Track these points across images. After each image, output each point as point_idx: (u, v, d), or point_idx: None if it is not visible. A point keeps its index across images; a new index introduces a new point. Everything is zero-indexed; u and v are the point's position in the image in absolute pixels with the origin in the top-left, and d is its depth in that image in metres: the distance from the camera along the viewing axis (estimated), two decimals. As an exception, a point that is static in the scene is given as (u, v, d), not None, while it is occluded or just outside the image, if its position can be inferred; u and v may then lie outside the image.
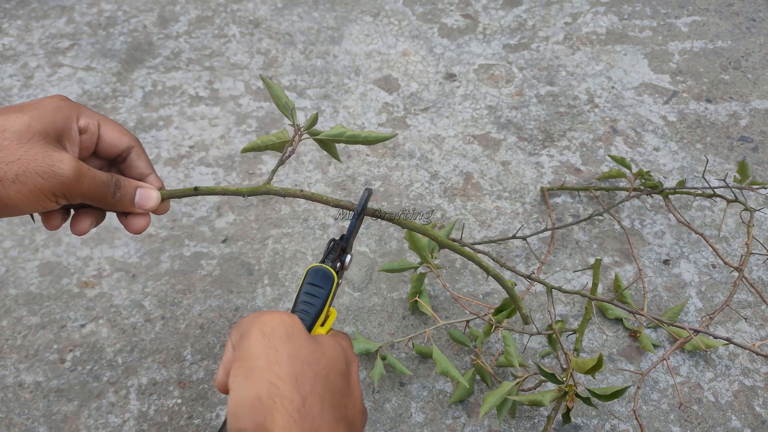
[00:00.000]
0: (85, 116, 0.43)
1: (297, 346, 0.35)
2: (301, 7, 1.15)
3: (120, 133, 0.46)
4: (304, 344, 0.35)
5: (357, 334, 0.66)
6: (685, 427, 0.63)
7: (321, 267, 0.44)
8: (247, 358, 0.34)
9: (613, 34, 1.09)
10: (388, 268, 0.66)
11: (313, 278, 0.44)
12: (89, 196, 0.42)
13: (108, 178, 0.43)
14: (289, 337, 0.35)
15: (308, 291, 0.43)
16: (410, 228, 0.49)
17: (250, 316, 0.37)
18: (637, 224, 0.81)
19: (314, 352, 0.36)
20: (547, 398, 0.55)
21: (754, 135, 0.92)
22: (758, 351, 0.55)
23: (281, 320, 0.36)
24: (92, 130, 0.44)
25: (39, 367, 0.67)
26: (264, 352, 0.34)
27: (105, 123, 0.45)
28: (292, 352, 0.34)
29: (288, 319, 0.36)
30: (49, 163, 0.38)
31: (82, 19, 1.12)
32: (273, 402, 0.32)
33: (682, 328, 0.57)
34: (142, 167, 0.47)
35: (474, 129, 0.93)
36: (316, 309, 0.42)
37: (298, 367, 0.34)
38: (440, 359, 0.60)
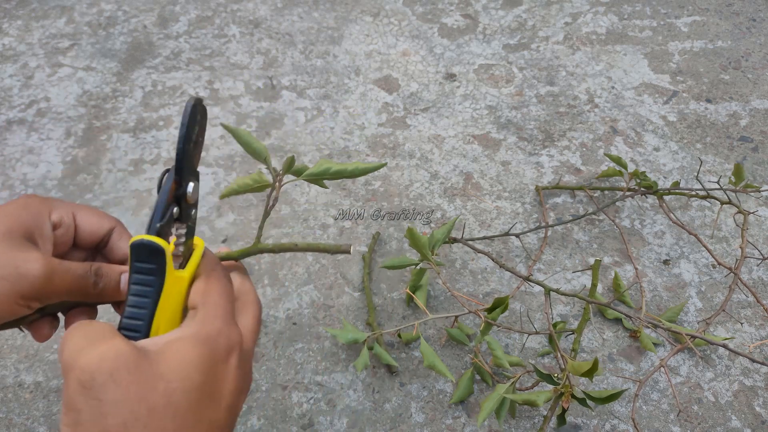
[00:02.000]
0: (57, 210, 0.40)
1: (124, 386, 0.30)
2: (301, 7, 1.15)
3: (98, 217, 0.42)
4: (132, 379, 0.31)
5: (345, 322, 0.66)
6: (685, 427, 0.63)
7: (142, 241, 0.34)
8: (71, 409, 0.30)
9: (613, 34, 1.09)
10: (389, 265, 0.66)
11: (138, 257, 0.34)
12: (67, 293, 0.38)
13: (86, 268, 0.39)
14: (113, 378, 0.30)
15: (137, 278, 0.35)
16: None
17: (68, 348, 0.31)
18: (637, 224, 0.81)
19: (147, 381, 0.31)
20: (541, 398, 0.55)
21: (754, 135, 0.92)
22: (753, 358, 0.55)
23: (101, 360, 0.30)
24: (67, 223, 0.41)
25: (39, 367, 0.67)
26: (86, 405, 0.30)
27: (80, 211, 0.42)
28: (118, 396, 0.30)
29: (110, 356, 0.31)
30: (14, 264, 0.35)
31: (82, 19, 1.12)
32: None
33: (678, 333, 0.57)
34: (125, 247, 0.43)
35: (474, 129, 0.93)
36: (150, 301, 0.35)
37: (126, 412, 0.30)
38: (427, 353, 0.60)
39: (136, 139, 0.91)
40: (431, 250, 0.64)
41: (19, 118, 0.94)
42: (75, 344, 0.31)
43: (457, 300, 0.73)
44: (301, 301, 0.73)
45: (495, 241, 0.79)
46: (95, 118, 0.95)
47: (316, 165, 0.44)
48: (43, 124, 0.94)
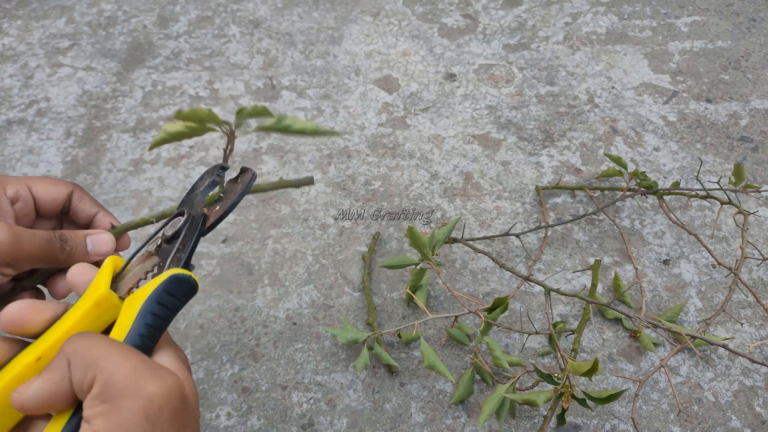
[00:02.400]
0: (11, 185, 0.41)
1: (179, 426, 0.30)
2: (301, 7, 1.15)
3: (54, 185, 0.43)
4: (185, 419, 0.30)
5: (345, 322, 0.66)
6: (685, 427, 0.63)
7: (188, 278, 0.34)
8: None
9: (613, 34, 1.09)
10: (389, 264, 0.66)
11: (173, 288, 0.34)
12: (37, 258, 0.38)
13: (50, 234, 0.39)
14: (175, 417, 0.29)
15: (164, 303, 0.33)
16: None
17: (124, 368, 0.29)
18: (637, 224, 0.81)
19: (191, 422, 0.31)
20: (541, 398, 0.55)
21: (754, 135, 0.92)
22: (753, 358, 0.55)
23: (168, 395, 0.29)
24: (24, 196, 0.41)
25: (39, 367, 0.67)
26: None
27: (35, 183, 0.42)
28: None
29: (175, 392, 0.30)
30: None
31: (82, 19, 1.12)
32: None
33: (678, 333, 0.57)
34: (87, 208, 0.44)
35: (474, 129, 0.93)
36: (163, 329, 0.34)
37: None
38: (427, 353, 0.61)
39: (136, 139, 0.91)
40: (431, 250, 0.64)
41: (19, 118, 0.94)
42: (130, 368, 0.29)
43: (457, 300, 0.73)
44: (301, 301, 0.73)
45: (495, 241, 0.79)
46: (95, 118, 0.95)
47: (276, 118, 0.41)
48: (43, 124, 0.94)
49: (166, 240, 0.38)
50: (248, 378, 0.66)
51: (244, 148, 0.90)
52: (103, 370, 0.28)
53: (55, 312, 0.35)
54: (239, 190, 0.38)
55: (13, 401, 0.30)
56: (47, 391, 0.29)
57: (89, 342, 0.30)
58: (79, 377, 0.29)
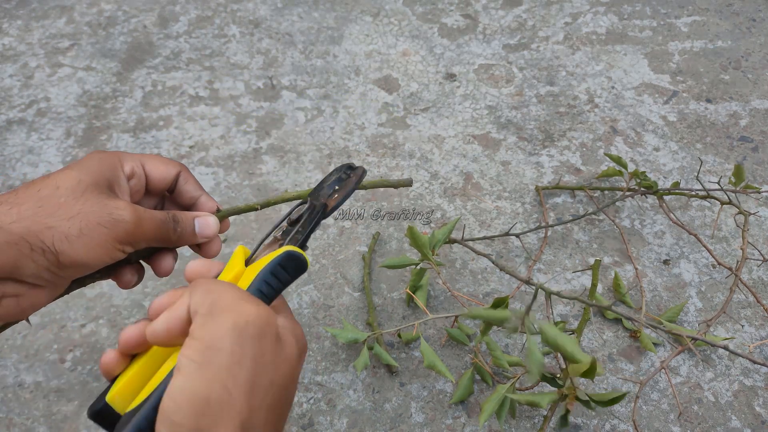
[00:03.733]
0: (128, 161, 0.43)
1: (264, 349, 0.33)
2: (301, 7, 1.15)
3: (164, 164, 0.45)
4: (271, 347, 0.33)
5: (345, 322, 0.66)
6: (685, 427, 0.63)
7: (301, 257, 0.39)
8: (210, 345, 0.31)
9: (613, 34, 1.09)
10: (389, 264, 0.66)
11: (288, 262, 0.38)
12: (153, 238, 0.41)
13: (165, 215, 0.42)
14: (260, 336, 0.33)
15: (276, 274, 0.38)
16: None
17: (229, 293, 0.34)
18: (637, 224, 0.81)
19: (278, 356, 0.34)
20: (545, 400, 0.55)
21: (754, 135, 0.92)
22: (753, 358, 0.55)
23: (258, 316, 0.33)
24: (138, 173, 0.43)
25: (39, 367, 0.67)
26: (230, 347, 0.31)
27: (148, 160, 0.44)
28: (257, 355, 0.32)
29: (265, 317, 0.33)
30: (108, 212, 0.38)
31: (82, 19, 1.12)
32: (221, 409, 0.30)
33: (678, 335, 0.57)
34: (191, 190, 0.46)
35: (474, 129, 0.93)
36: (274, 296, 0.38)
37: (257, 374, 0.32)
38: (427, 352, 0.61)
39: (136, 139, 0.91)
40: (431, 250, 0.64)
41: (19, 118, 0.95)
42: (235, 294, 0.34)
43: (457, 300, 0.73)
44: (301, 301, 0.73)
45: (495, 241, 0.79)
46: (95, 118, 0.95)
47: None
48: (43, 124, 0.94)
49: (290, 223, 0.43)
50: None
51: (244, 148, 0.90)
52: (214, 294, 0.34)
53: (219, 269, 0.41)
54: (353, 182, 0.45)
55: (147, 334, 0.34)
56: (171, 318, 0.34)
57: (208, 280, 0.35)
58: (196, 301, 0.33)
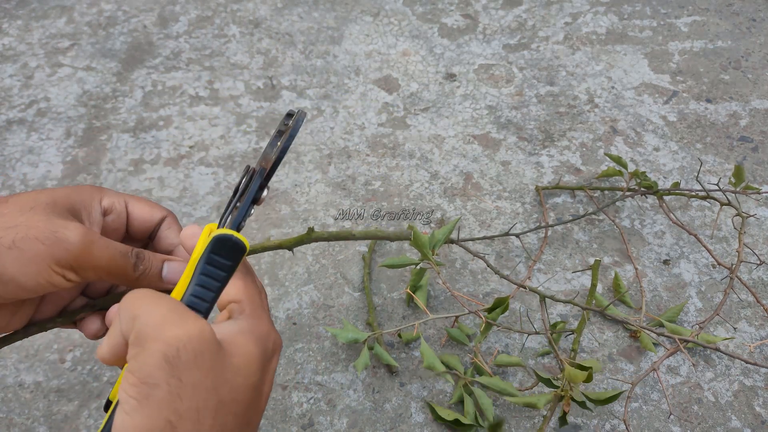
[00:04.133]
0: (110, 196, 0.40)
1: (205, 371, 0.30)
2: (301, 7, 1.15)
3: (149, 207, 0.42)
4: (212, 366, 0.30)
5: (345, 321, 0.66)
6: (685, 427, 0.63)
7: (231, 237, 0.35)
8: (144, 380, 0.29)
9: (613, 34, 1.09)
10: (389, 264, 0.66)
11: (219, 248, 0.35)
12: (105, 269, 0.37)
13: (127, 248, 0.38)
14: (196, 360, 0.30)
15: (211, 263, 0.35)
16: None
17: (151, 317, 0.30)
18: (637, 224, 0.81)
19: (223, 371, 0.31)
20: (542, 401, 0.55)
21: (754, 135, 0.92)
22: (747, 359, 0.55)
23: (189, 339, 0.30)
24: (119, 210, 0.41)
25: (39, 367, 0.67)
26: (165, 381, 0.29)
27: (132, 200, 0.42)
28: (198, 380, 0.30)
29: (197, 336, 0.30)
30: (53, 229, 0.35)
31: (82, 19, 1.12)
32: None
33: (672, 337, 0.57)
34: (172, 237, 0.43)
35: (474, 129, 0.93)
36: (218, 288, 0.35)
37: (201, 399, 0.30)
38: (427, 353, 0.61)
39: (136, 139, 0.91)
40: (431, 249, 0.64)
41: (19, 118, 0.95)
42: (159, 314, 0.30)
43: (457, 300, 0.73)
44: (301, 301, 0.73)
45: (495, 241, 0.79)
46: (95, 118, 0.95)
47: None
48: (43, 124, 0.94)
49: (239, 197, 0.39)
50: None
51: (244, 148, 0.90)
52: (138, 319, 0.30)
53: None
54: (289, 133, 0.38)
55: (97, 357, 0.33)
56: (111, 344, 0.32)
57: (134, 295, 0.32)
58: (125, 328, 0.31)
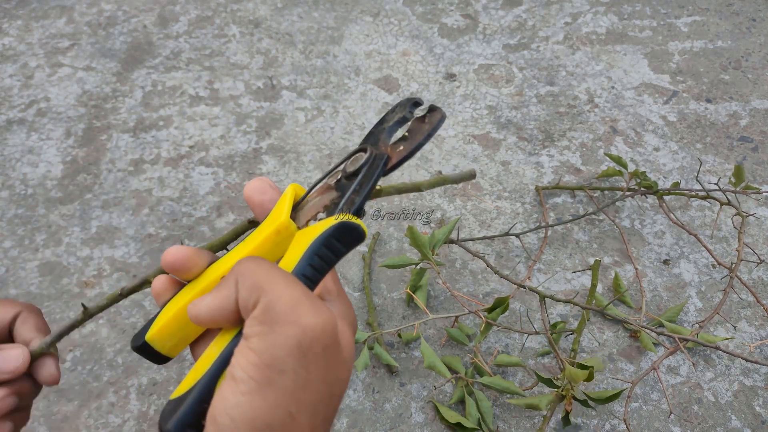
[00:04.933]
0: None
1: (327, 365, 0.30)
2: (301, 7, 1.15)
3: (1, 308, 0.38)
4: (334, 361, 0.30)
5: None
6: (685, 427, 0.63)
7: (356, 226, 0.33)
8: (271, 364, 0.28)
9: (613, 34, 1.09)
10: (390, 264, 0.66)
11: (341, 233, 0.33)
12: None
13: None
14: (325, 354, 0.30)
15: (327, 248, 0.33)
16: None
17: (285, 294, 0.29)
18: (637, 224, 0.81)
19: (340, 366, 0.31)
20: (543, 402, 0.55)
21: (754, 135, 0.92)
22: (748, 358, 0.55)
23: (323, 330, 0.29)
24: None
25: (39, 367, 0.67)
26: (293, 370, 0.28)
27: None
28: (321, 374, 0.30)
29: (330, 329, 0.30)
30: None
31: (82, 19, 1.12)
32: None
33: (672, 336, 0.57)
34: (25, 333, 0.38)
35: (474, 129, 0.93)
36: (323, 276, 0.34)
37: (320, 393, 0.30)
38: (427, 353, 0.61)
39: (136, 139, 0.91)
40: (431, 249, 0.64)
41: (19, 118, 0.94)
42: (293, 297, 0.29)
43: (457, 300, 0.73)
44: (301, 301, 0.73)
45: (495, 240, 0.79)
46: (95, 118, 0.95)
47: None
48: (43, 124, 0.94)
49: (346, 176, 0.36)
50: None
51: (244, 148, 0.90)
52: (267, 294, 0.29)
53: (209, 260, 0.35)
54: (426, 131, 0.35)
55: (189, 313, 0.32)
56: (216, 306, 0.31)
57: (258, 266, 0.31)
58: (244, 297, 0.30)
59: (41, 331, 0.38)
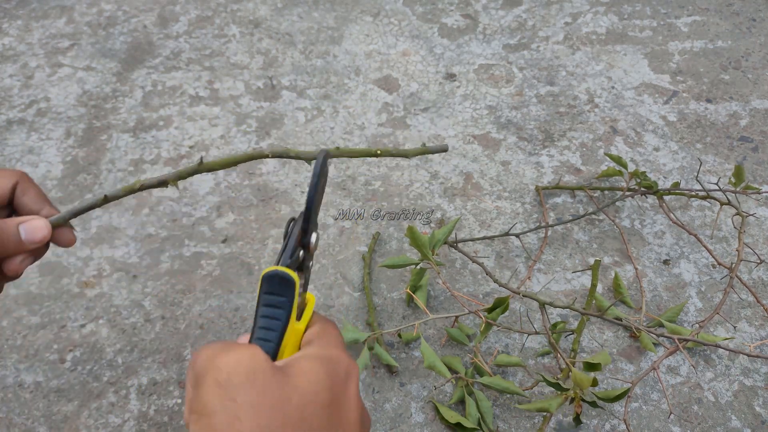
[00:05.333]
0: None
1: (260, 390, 0.30)
2: (301, 7, 1.15)
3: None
4: (268, 385, 0.30)
5: (345, 322, 0.66)
6: (685, 427, 0.63)
7: (276, 272, 0.36)
8: (204, 412, 0.29)
9: (613, 34, 1.09)
10: (389, 264, 0.66)
11: (270, 287, 0.36)
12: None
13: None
14: (249, 380, 0.30)
15: (267, 304, 0.36)
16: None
17: (203, 354, 0.31)
18: (637, 224, 0.81)
19: (282, 390, 0.30)
20: (553, 406, 0.55)
21: (754, 135, 0.92)
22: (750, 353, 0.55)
23: (238, 362, 0.30)
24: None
25: (39, 367, 0.67)
26: (221, 405, 0.29)
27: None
28: (254, 399, 0.29)
29: (246, 358, 0.31)
30: None
31: (82, 19, 1.12)
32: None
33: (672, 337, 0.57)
34: (30, 203, 0.42)
35: (474, 129, 0.93)
36: (280, 325, 0.36)
37: (263, 418, 0.29)
38: (427, 353, 0.61)
39: (136, 139, 0.91)
40: (431, 249, 0.64)
41: (19, 118, 0.95)
42: (210, 351, 0.32)
43: (457, 300, 0.73)
44: (301, 301, 0.73)
45: (495, 241, 0.79)
46: (95, 118, 0.95)
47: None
48: (43, 124, 0.94)
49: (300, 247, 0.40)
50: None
51: (244, 148, 0.90)
52: (194, 363, 0.32)
53: None
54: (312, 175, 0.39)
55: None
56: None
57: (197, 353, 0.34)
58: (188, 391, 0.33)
59: (44, 200, 0.43)
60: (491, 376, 0.63)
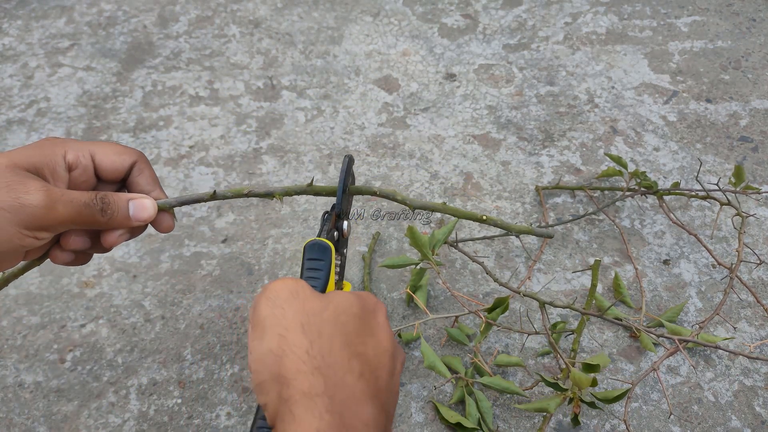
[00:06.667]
0: (73, 150, 0.40)
1: (301, 301, 0.37)
2: (301, 7, 1.15)
3: (116, 154, 0.43)
4: (308, 299, 0.37)
5: None
6: (685, 427, 0.63)
7: (316, 241, 0.46)
8: (258, 321, 0.36)
9: (613, 34, 1.09)
10: (389, 264, 0.66)
11: (311, 253, 0.45)
12: (73, 221, 0.39)
13: (90, 197, 0.39)
14: (293, 296, 0.37)
15: (310, 266, 0.45)
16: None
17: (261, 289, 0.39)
18: (637, 224, 0.81)
19: (320, 303, 0.38)
20: (552, 406, 0.55)
21: (754, 135, 0.92)
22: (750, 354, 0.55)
23: (284, 284, 0.38)
24: (84, 164, 0.41)
25: (39, 367, 0.67)
26: (270, 312, 0.36)
27: (99, 149, 0.42)
28: (296, 306, 0.37)
29: (291, 282, 0.38)
30: (14, 196, 0.36)
31: (82, 19, 1.12)
32: (283, 351, 0.35)
33: (672, 337, 0.57)
34: (143, 184, 0.44)
35: (474, 129, 0.93)
36: (322, 280, 0.44)
37: (303, 317, 0.36)
38: (427, 353, 0.61)
39: (136, 139, 0.91)
40: (431, 249, 0.64)
41: (19, 118, 0.95)
42: (264, 286, 0.39)
43: (457, 300, 0.73)
44: (301, 301, 0.73)
45: (495, 241, 0.79)
46: (95, 118, 0.95)
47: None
48: (43, 124, 0.94)
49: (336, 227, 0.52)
50: (248, 378, 0.66)
51: (244, 148, 0.90)
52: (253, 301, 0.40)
53: None
54: (340, 177, 0.51)
55: None
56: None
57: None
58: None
59: (155, 183, 0.46)
60: (491, 376, 0.63)
